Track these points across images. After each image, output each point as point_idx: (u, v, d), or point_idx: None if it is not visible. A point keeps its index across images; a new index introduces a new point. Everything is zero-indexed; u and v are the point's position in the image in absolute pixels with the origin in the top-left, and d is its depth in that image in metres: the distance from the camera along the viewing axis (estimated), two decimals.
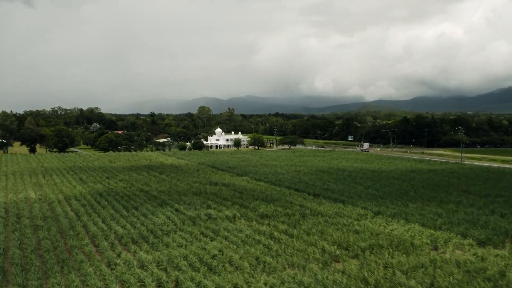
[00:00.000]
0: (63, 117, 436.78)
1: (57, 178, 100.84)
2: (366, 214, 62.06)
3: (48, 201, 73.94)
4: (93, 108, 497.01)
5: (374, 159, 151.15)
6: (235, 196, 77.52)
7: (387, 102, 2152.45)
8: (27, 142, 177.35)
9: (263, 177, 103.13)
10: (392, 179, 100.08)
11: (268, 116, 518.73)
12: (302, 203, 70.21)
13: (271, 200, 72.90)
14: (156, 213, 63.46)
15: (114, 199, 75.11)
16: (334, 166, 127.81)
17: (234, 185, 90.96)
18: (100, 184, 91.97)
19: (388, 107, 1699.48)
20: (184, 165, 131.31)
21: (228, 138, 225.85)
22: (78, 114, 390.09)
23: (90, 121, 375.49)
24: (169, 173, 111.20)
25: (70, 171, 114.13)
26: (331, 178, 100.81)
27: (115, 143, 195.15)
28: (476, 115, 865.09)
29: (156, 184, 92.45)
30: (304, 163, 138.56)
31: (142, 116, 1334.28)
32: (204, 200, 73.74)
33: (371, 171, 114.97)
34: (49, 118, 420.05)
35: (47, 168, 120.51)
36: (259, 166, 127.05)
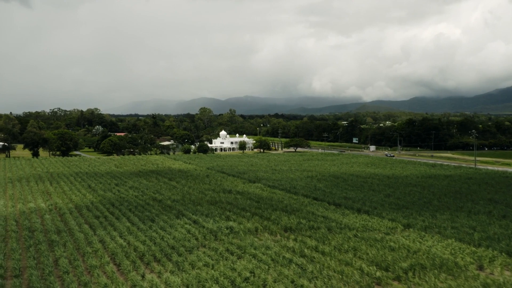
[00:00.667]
0: (62, 119, 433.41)
1: (65, 185, 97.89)
2: (396, 227, 59.29)
3: (60, 212, 71.02)
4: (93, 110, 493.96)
5: (385, 163, 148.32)
6: (253, 205, 74.72)
7: (385, 102, 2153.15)
8: (30, 146, 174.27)
9: (276, 183, 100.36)
10: (410, 186, 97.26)
11: (269, 117, 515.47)
12: (324, 214, 67.41)
13: (292, 211, 70.10)
14: (174, 226, 60.62)
15: (127, 209, 72.21)
16: (346, 171, 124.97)
17: (248, 193, 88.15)
18: (110, 192, 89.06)
19: (386, 107, 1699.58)
20: (193, 170, 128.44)
21: (232, 141, 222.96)
22: (79, 115, 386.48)
23: (91, 123, 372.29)
24: (179, 179, 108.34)
25: (77, 177, 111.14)
26: (347, 185, 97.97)
27: (119, 147, 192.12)
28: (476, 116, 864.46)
29: (168, 192, 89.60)
30: (314, 167, 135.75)
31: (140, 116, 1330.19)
32: (222, 210, 70.93)
33: (386, 177, 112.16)
34: (48, 120, 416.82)
35: (53, 174, 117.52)
36: (270, 172, 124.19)
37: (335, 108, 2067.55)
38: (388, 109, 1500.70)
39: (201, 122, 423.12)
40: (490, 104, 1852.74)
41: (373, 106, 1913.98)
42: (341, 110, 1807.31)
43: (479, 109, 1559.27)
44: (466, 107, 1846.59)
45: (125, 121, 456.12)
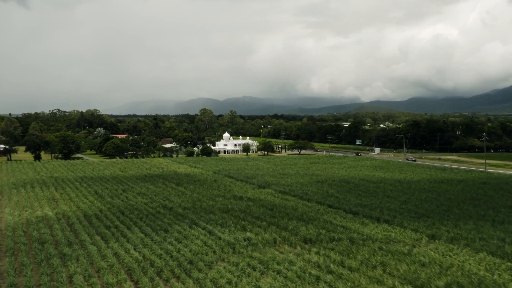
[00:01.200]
0: (62, 120, 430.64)
1: (71, 191, 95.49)
2: (420, 238, 57.10)
3: (68, 221, 68.65)
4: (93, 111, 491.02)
5: (394, 167, 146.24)
6: (267, 214, 72.47)
7: (383, 103, 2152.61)
8: (32, 149, 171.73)
9: (287, 189, 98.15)
10: (424, 192, 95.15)
11: (269, 118, 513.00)
12: (343, 223, 65.17)
13: (308, 220, 67.84)
14: (189, 237, 58.31)
15: (138, 218, 69.86)
16: (356, 175, 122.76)
17: (260, 199, 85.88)
18: (118, 199, 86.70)
19: (385, 108, 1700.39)
20: (199, 174, 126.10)
21: (236, 143, 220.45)
22: (79, 117, 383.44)
23: (91, 124, 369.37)
24: (186, 184, 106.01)
25: (82, 182, 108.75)
26: (360, 191, 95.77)
27: (121, 149, 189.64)
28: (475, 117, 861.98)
29: (178, 198, 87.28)
30: (323, 171, 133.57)
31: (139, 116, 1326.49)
32: (236, 219, 68.63)
33: (398, 182, 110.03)
34: (48, 121, 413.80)
35: (57, 179, 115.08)
36: (278, 176, 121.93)
37: (334, 108, 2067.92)
38: (387, 109, 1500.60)
39: (201, 124, 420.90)
40: (488, 105, 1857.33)
41: (371, 106, 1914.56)
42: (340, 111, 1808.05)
43: (477, 110, 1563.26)
44: (464, 107, 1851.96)
45: (125, 122, 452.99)
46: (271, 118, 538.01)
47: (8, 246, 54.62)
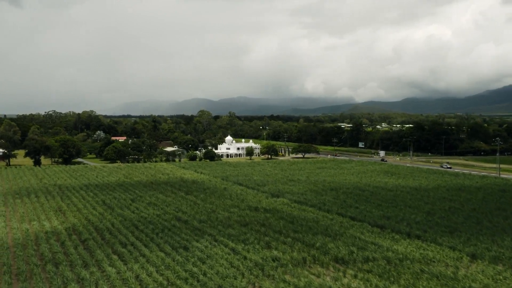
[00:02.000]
0: (58, 122, 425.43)
1: (78, 201, 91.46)
2: (461, 257, 53.70)
3: (80, 236, 64.75)
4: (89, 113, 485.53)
5: (405, 172, 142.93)
6: (289, 227, 68.89)
7: (377, 103, 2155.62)
8: (32, 154, 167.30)
9: (302, 198, 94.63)
10: (446, 201, 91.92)
11: (268, 119, 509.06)
12: (373, 239, 61.66)
13: (334, 235, 64.29)
14: (213, 256, 54.60)
15: (153, 232, 66.08)
16: (370, 182, 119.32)
17: (277, 210, 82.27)
18: (128, 210, 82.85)
19: (379, 108, 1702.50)
20: (207, 181, 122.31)
21: (239, 147, 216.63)
22: (76, 119, 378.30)
23: (88, 126, 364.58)
24: (196, 193, 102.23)
25: (88, 191, 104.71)
26: (379, 200, 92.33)
27: (123, 153, 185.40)
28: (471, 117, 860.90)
29: (190, 209, 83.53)
30: (333, 177, 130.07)
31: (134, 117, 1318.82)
32: (257, 234, 65.01)
33: (414, 190, 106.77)
34: (44, 123, 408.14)
35: (61, 187, 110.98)
36: (289, 183, 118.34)
37: (328, 109, 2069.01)
38: (381, 110, 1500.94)
39: (200, 125, 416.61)
40: (481, 105, 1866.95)
41: (366, 107, 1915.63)
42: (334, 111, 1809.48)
43: (471, 110, 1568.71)
44: (458, 108, 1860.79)
45: (122, 124, 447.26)
46: (269, 119, 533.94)
47: (20, 268, 50.77)
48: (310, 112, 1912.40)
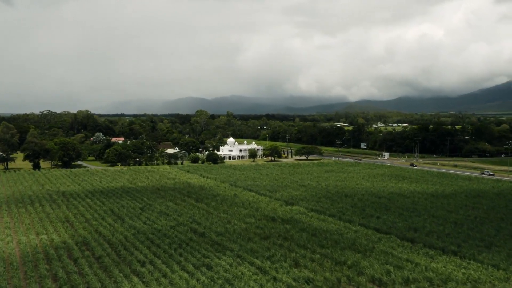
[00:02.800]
0: (53, 122, 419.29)
1: (85, 210, 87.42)
2: (507, 277, 50.15)
3: (94, 252, 60.84)
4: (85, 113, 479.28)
5: (416, 176, 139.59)
6: (313, 241, 65.30)
7: (371, 102, 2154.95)
8: (31, 157, 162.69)
9: (319, 207, 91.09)
10: (468, 209, 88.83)
11: (266, 119, 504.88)
12: (407, 256, 58.09)
13: (364, 250, 60.77)
14: (240, 277, 50.78)
15: (171, 248, 62.24)
16: (383, 188, 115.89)
17: (295, 221, 78.61)
18: (139, 221, 78.90)
19: (373, 107, 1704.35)
20: (215, 187, 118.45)
21: (241, 148, 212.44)
22: (72, 119, 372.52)
23: (85, 127, 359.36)
24: (207, 200, 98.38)
25: (94, 198, 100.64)
26: (398, 208, 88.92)
27: (124, 156, 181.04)
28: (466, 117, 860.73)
29: (205, 220, 79.75)
30: (343, 182, 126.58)
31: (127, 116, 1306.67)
32: (282, 250, 61.30)
33: (431, 196, 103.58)
34: (38, 123, 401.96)
35: (65, 194, 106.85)
36: (300, 189, 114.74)
37: (322, 107, 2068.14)
38: (375, 109, 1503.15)
39: (198, 125, 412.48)
40: (473, 104, 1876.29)
41: (359, 105, 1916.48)
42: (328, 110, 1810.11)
43: (464, 109, 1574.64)
44: (451, 106, 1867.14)
45: (118, 124, 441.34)
46: (267, 119, 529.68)
47: None
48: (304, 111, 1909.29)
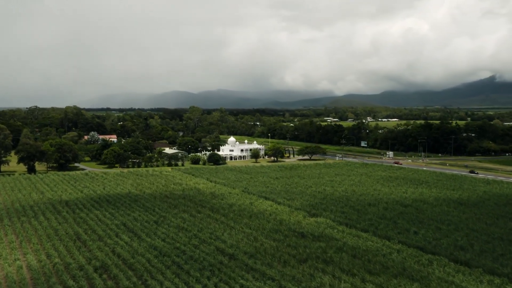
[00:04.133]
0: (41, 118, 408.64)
1: (96, 225, 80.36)
2: None
3: (118, 282, 54.17)
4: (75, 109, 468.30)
5: (433, 180, 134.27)
6: (356, 264, 59.52)
7: (357, 96, 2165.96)
8: (25, 160, 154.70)
9: (344, 218, 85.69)
10: (506, 219, 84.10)
11: (260, 115, 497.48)
12: (472, 286, 52.23)
13: (420, 277, 54.99)
14: None
15: (203, 275, 55.93)
16: (405, 195, 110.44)
17: (327, 237, 72.61)
18: (157, 238, 72.26)
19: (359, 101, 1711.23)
20: (227, 194, 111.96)
21: (243, 148, 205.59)
22: (63, 117, 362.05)
23: (75, 124, 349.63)
24: (224, 211, 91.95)
25: (101, 209, 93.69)
26: (433, 221, 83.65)
27: (122, 158, 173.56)
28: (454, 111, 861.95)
29: (228, 236, 73.50)
30: (359, 187, 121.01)
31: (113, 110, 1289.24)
32: (329, 277, 55.23)
33: (459, 204, 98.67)
34: (26, 119, 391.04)
35: (69, 203, 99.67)
36: (318, 196, 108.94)
37: (308, 102, 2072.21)
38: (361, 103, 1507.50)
39: (191, 122, 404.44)
40: (457, 98, 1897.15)
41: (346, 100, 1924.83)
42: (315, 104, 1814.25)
43: (448, 103, 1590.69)
44: (435, 101, 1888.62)
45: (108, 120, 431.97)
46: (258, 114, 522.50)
47: None
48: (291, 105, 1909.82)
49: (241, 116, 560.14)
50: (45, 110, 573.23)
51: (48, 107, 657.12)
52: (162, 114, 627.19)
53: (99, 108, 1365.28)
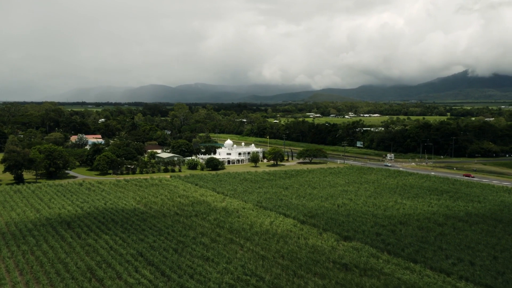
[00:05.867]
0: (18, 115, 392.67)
1: (108, 255, 71.19)
2: None
3: None
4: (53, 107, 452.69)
5: (452, 188, 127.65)
6: None
7: (334, 90, 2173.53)
8: (13, 169, 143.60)
9: (381, 241, 78.43)
10: None
11: (247, 113, 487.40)
12: None
13: None
14: None
15: None
16: (433, 209, 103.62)
17: (376, 271, 64.90)
18: (185, 275, 63.80)
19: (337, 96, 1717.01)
20: (241, 210, 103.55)
21: (240, 152, 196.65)
22: (44, 115, 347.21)
23: (57, 123, 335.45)
24: (246, 233, 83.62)
25: (109, 231, 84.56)
26: (483, 246, 76.97)
27: (116, 164, 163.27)
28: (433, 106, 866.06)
29: (263, 271, 65.26)
30: (380, 201, 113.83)
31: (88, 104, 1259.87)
32: None
33: (496, 221, 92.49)
34: (2, 117, 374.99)
35: (71, 224, 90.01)
36: (341, 213, 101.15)
37: (287, 96, 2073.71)
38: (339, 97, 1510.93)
39: (177, 120, 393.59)
40: (432, 93, 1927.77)
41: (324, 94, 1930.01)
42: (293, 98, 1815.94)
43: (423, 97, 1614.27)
44: (411, 95, 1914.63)
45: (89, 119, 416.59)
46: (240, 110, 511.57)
47: None
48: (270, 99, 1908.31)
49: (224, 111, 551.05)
50: (22, 106, 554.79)
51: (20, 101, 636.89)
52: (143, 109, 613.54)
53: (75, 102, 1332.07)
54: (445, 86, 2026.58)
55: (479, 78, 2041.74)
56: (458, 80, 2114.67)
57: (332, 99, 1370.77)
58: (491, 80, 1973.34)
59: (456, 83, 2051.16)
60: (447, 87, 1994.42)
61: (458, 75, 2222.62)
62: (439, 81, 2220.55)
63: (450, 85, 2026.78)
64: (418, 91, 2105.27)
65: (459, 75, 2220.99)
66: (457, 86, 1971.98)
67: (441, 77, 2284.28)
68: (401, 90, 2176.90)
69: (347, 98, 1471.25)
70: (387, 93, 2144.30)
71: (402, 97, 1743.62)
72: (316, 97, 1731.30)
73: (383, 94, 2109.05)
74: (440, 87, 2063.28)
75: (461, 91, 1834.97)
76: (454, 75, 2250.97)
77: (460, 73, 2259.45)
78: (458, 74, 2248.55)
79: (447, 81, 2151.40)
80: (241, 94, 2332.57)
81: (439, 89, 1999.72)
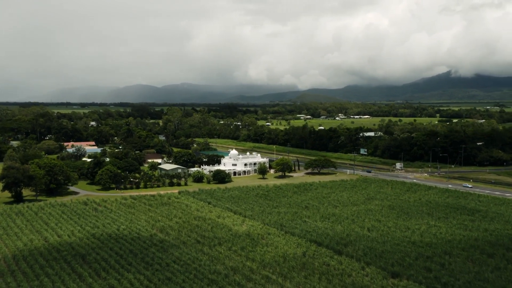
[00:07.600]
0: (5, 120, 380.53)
1: None
2: None
3: None
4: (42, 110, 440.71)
5: (478, 206, 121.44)
6: None
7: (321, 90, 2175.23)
8: (12, 187, 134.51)
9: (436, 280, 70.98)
10: None
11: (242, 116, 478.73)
12: None
13: None
14: None
15: None
16: (470, 233, 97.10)
17: None
18: None
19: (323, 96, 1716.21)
20: (266, 235, 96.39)
21: (246, 162, 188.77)
22: (34, 122, 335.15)
23: (49, 130, 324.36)
24: (285, 271, 75.97)
25: (130, 267, 76.38)
26: None
27: (119, 178, 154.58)
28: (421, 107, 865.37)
29: None
30: (411, 223, 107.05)
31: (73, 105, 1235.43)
32: None
33: None
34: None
35: (84, 256, 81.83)
36: (376, 239, 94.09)
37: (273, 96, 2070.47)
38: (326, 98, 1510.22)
39: (171, 124, 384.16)
40: (417, 93, 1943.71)
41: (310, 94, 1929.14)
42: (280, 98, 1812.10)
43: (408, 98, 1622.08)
44: (396, 95, 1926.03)
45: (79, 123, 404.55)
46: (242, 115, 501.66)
47: None
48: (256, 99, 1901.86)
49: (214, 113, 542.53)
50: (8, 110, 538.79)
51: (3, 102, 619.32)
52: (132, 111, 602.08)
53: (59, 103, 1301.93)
54: (429, 86, 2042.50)
55: (462, 78, 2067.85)
56: (442, 80, 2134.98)
57: (319, 99, 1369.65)
58: (474, 80, 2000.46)
59: (440, 83, 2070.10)
60: (431, 87, 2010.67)
61: (442, 76, 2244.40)
62: (423, 81, 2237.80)
63: (434, 85, 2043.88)
64: (403, 91, 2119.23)
65: (443, 75, 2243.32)
66: (441, 86, 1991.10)
67: (425, 78, 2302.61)
68: (386, 90, 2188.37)
69: (333, 98, 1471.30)
70: (373, 93, 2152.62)
71: (387, 97, 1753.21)
72: (304, 97, 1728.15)
73: (369, 94, 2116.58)
74: (424, 87, 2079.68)
75: (445, 91, 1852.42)
76: (438, 75, 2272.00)
77: (443, 73, 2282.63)
78: (442, 74, 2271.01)
79: (431, 82, 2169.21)
80: (228, 94, 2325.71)
81: (424, 89, 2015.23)
